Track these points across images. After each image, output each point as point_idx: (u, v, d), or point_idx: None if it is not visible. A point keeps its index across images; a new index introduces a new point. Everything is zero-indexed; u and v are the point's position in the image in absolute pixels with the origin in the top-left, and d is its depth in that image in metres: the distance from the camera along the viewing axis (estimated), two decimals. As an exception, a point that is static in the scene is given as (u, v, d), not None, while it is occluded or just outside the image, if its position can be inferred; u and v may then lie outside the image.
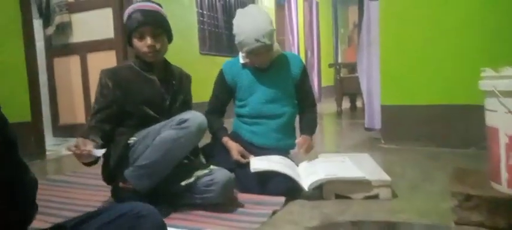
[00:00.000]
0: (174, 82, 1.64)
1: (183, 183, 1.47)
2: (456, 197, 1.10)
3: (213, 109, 1.98)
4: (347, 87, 5.19)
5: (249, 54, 1.80)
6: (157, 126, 1.49)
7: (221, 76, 1.95)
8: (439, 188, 1.71)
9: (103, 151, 1.37)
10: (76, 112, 3.70)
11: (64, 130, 3.76)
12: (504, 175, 1.07)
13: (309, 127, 1.96)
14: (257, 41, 1.72)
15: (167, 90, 1.61)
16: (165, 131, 1.43)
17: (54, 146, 3.29)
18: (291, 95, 1.93)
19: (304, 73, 1.95)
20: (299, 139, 1.87)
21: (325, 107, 5.84)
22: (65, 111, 3.77)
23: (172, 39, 1.64)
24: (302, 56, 7.81)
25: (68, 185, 1.96)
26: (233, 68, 1.93)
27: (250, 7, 1.88)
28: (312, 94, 2.02)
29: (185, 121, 1.42)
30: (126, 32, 1.57)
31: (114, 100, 1.51)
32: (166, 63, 1.66)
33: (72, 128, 3.70)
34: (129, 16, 1.55)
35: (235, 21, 1.82)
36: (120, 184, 1.48)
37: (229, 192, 1.54)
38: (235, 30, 1.81)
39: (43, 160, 2.69)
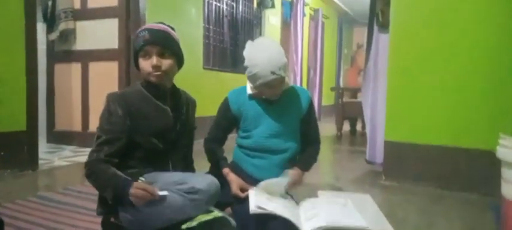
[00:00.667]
0: (183, 111, 1.58)
1: (183, 226, 1.37)
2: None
3: (214, 137, 1.91)
4: (348, 112, 5.16)
5: (263, 86, 1.75)
6: (167, 175, 1.40)
7: (226, 105, 1.88)
8: (443, 241, 1.65)
9: (166, 193, 1.29)
10: (73, 119, 3.63)
11: (59, 137, 3.69)
12: (520, 251, 1.01)
13: (305, 162, 1.87)
14: (273, 73, 1.67)
15: (177, 119, 1.54)
16: (172, 194, 1.31)
17: (48, 154, 3.22)
18: (296, 130, 1.88)
19: (311, 109, 1.90)
20: (294, 171, 1.78)
21: (325, 128, 5.78)
22: (62, 118, 3.71)
23: (182, 63, 1.57)
24: (305, 74, 7.79)
25: (59, 206, 1.89)
26: (239, 97, 1.87)
27: (262, 39, 1.83)
28: (316, 130, 1.95)
29: (196, 192, 1.31)
30: (133, 52, 1.50)
31: (124, 130, 1.40)
32: (175, 89, 1.59)
33: (68, 135, 3.64)
34: (137, 35, 1.48)
35: (246, 54, 1.77)
36: (112, 219, 1.40)
37: None
38: (247, 62, 1.75)
39: (35, 171, 2.62)
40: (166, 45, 1.47)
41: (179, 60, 1.54)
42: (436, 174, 2.54)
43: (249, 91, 1.84)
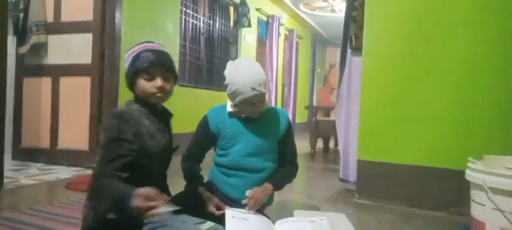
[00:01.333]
0: (171, 130, 1.58)
1: None
2: None
3: (191, 155, 1.90)
4: (322, 130, 5.24)
5: (243, 103, 1.75)
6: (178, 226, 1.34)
7: (205, 123, 1.87)
8: (414, 260, 1.69)
9: (175, 207, 1.22)
10: (40, 136, 3.51)
11: (25, 154, 3.55)
12: (488, 271, 1.06)
13: (277, 179, 1.85)
14: (253, 89, 1.68)
15: (171, 139, 1.54)
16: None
17: (13, 171, 3.08)
18: (274, 150, 1.89)
19: (289, 130, 1.92)
20: (255, 188, 1.75)
21: (299, 145, 5.76)
22: (29, 134, 3.57)
23: (176, 83, 1.55)
24: (279, 92, 7.89)
25: (24, 227, 1.80)
26: (219, 116, 1.86)
27: (242, 58, 1.87)
28: (294, 152, 1.96)
29: None
30: (130, 71, 1.43)
31: (132, 150, 1.32)
32: (164, 108, 1.56)
33: (35, 152, 3.51)
34: (138, 55, 1.43)
35: (227, 72, 1.78)
36: None
37: None
38: (227, 80, 1.76)
39: (0, 190, 2.50)
40: (170, 67, 1.47)
41: (175, 80, 1.54)
42: (407, 193, 2.61)
43: (229, 109, 1.84)
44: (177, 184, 1.79)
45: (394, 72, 2.70)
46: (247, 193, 1.72)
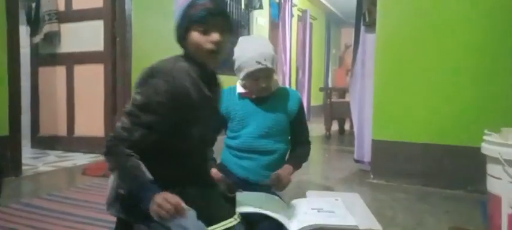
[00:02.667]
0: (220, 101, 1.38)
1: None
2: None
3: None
4: (336, 111, 5.18)
5: (248, 78, 1.71)
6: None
7: None
8: (430, 238, 1.66)
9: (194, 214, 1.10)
10: (58, 124, 3.57)
11: (43, 142, 3.63)
12: (505, 246, 1.03)
13: (295, 159, 1.85)
14: (258, 63, 1.65)
15: (215, 110, 1.34)
16: None
17: (32, 159, 3.16)
18: (286, 132, 1.87)
19: (301, 111, 1.89)
20: (278, 170, 1.71)
21: (314, 128, 5.79)
22: (46, 122, 3.65)
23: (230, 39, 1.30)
24: (293, 75, 7.81)
25: (43, 212, 1.85)
26: (229, 97, 1.84)
27: (252, 35, 1.85)
28: (306, 131, 1.94)
29: None
30: (181, 24, 1.20)
31: (166, 118, 1.14)
32: (214, 73, 1.31)
33: (53, 140, 3.58)
34: (193, 3, 1.18)
35: (235, 48, 1.77)
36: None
37: None
38: (235, 55, 1.75)
39: (18, 177, 2.56)
40: (228, 18, 1.23)
41: (230, 37, 1.26)
42: (422, 172, 2.57)
43: (238, 90, 1.83)
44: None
45: (408, 47, 2.63)
46: (272, 175, 1.69)
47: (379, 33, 2.71)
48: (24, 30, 3.39)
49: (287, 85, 7.11)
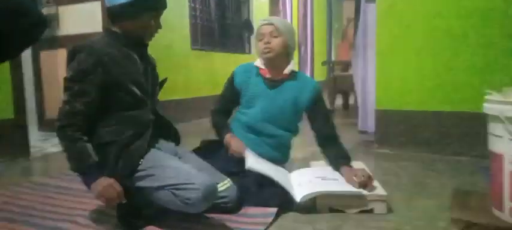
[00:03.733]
0: (149, 61, 1.53)
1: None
2: (457, 225, 1.06)
3: (219, 108, 1.94)
4: (340, 85, 5.15)
5: (257, 39, 1.79)
6: (164, 164, 1.35)
7: (231, 78, 1.91)
8: (435, 202, 1.67)
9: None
10: (62, 106, 3.59)
11: (50, 125, 3.65)
12: (507, 204, 1.04)
13: (345, 157, 1.75)
14: (264, 20, 1.75)
15: (146, 69, 1.48)
16: (163, 194, 1.30)
17: (40, 142, 3.20)
18: (290, 121, 1.87)
19: (317, 101, 1.82)
20: (349, 171, 1.65)
21: (318, 104, 5.79)
22: (51, 105, 3.67)
23: None
24: (295, 51, 7.75)
25: (53, 190, 1.88)
26: (245, 73, 1.87)
27: None
28: (331, 126, 1.83)
29: (188, 199, 1.25)
30: (137, 5, 1.36)
31: (96, 80, 1.30)
32: (139, 39, 1.47)
33: (59, 123, 3.59)
34: None
35: None
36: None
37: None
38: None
39: (27, 159, 2.60)
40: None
41: None
42: (427, 140, 2.57)
43: (256, 63, 1.85)
44: (192, 144, 1.81)
45: (410, 13, 2.59)
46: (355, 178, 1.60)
47: (379, 2, 2.68)
48: (23, 14, 3.38)
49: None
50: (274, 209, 1.52)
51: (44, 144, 3.09)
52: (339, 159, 1.76)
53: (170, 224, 1.41)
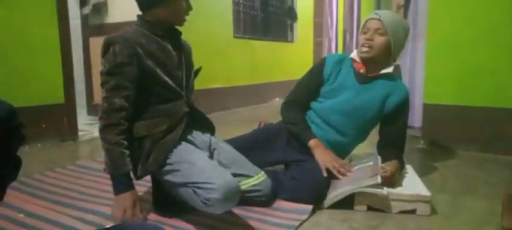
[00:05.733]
0: (183, 50, 1.50)
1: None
2: (508, 234, 0.97)
3: (295, 100, 1.76)
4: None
5: (361, 29, 1.66)
6: (192, 160, 1.32)
7: (321, 65, 1.73)
8: (483, 205, 1.56)
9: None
10: (110, 92, 3.73)
11: (98, 109, 3.81)
12: None
13: (398, 156, 1.64)
14: (375, 13, 1.62)
15: (179, 58, 1.46)
16: (186, 191, 1.28)
17: (88, 126, 3.35)
18: (367, 122, 1.71)
19: (398, 110, 1.66)
20: (387, 167, 1.54)
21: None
22: (100, 90, 3.81)
23: None
24: (340, 38, 7.52)
25: (95, 173, 1.96)
26: (337, 64, 1.71)
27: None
28: (400, 134, 1.70)
29: (208, 200, 1.21)
30: None
31: (133, 71, 1.30)
32: (173, 28, 1.46)
33: (106, 107, 3.75)
34: None
35: None
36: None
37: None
38: None
39: (75, 142, 2.73)
40: None
41: None
42: (477, 137, 2.40)
43: (352, 54, 1.72)
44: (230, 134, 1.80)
45: (463, 5, 2.41)
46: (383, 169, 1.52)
47: (433, -12, 2.51)
48: (73, 2, 3.53)
49: (333, 50, 6.88)
50: (309, 207, 1.49)
51: (92, 128, 3.23)
52: (387, 156, 1.62)
53: (203, 213, 1.41)
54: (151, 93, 1.37)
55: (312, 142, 1.64)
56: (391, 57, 1.66)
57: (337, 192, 1.49)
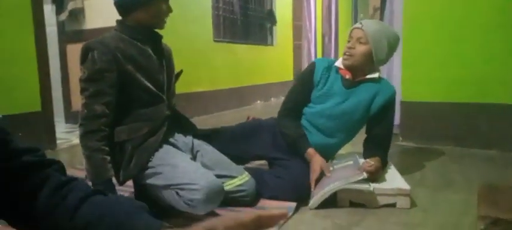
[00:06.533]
0: (164, 54, 1.50)
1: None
2: (483, 221, 1.01)
3: (290, 108, 1.77)
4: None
5: (347, 39, 1.70)
6: (174, 162, 1.33)
7: (311, 70, 1.74)
8: (461, 197, 1.61)
9: None
10: (89, 99, 3.67)
11: (77, 117, 3.71)
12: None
13: (381, 152, 1.65)
14: (359, 23, 1.68)
15: (160, 62, 1.46)
16: (169, 194, 1.29)
17: (66, 134, 3.29)
18: (353, 126, 1.73)
19: (384, 110, 1.69)
20: (372, 162, 1.56)
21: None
22: (78, 98, 3.72)
23: None
24: (319, 41, 7.62)
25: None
26: (326, 70, 1.73)
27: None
28: (386, 134, 1.71)
29: (191, 201, 1.24)
30: None
31: (112, 78, 1.30)
32: (154, 32, 1.46)
33: (85, 115, 3.68)
34: None
35: None
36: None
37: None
38: None
39: (54, 150, 2.68)
40: None
41: None
42: (454, 132, 2.47)
43: (337, 63, 1.74)
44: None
45: (436, 6, 2.49)
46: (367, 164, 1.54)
47: (407, -11, 2.58)
48: (49, 9, 3.46)
49: (312, 53, 6.96)
50: (293, 204, 1.50)
51: (70, 136, 3.17)
52: (371, 153, 1.65)
53: (187, 215, 1.40)
54: (132, 97, 1.36)
55: (310, 151, 1.64)
56: (374, 65, 1.70)
57: (324, 190, 1.51)
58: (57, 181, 0.57)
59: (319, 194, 1.51)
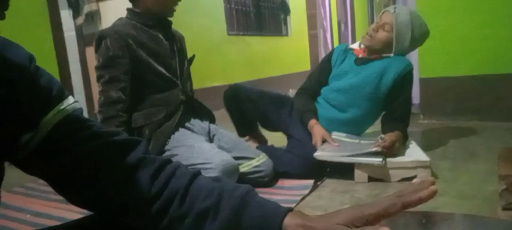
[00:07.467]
0: (175, 40, 1.54)
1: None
2: (504, 181, 0.98)
3: (306, 88, 1.88)
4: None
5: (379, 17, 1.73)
6: (190, 143, 1.37)
7: (330, 54, 1.89)
8: (484, 168, 1.57)
9: None
10: (110, 99, 3.76)
11: (99, 118, 3.85)
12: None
13: (397, 127, 1.62)
14: (389, 8, 1.70)
15: (172, 47, 1.50)
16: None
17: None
18: (368, 99, 1.72)
19: (398, 85, 1.67)
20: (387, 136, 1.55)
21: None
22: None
23: None
24: (335, 29, 7.52)
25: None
26: (344, 52, 1.84)
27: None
28: (403, 109, 1.70)
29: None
30: None
31: (126, 62, 1.35)
32: (164, 19, 1.50)
33: (107, 115, 3.78)
34: None
35: None
36: None
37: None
38: None
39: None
40: None
41: None
42: (476, 106, 2.41)
43: (351, 44, 1.85)
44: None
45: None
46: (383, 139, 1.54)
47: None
48: (67, 14, 3.56)
49: (329, 41, 6.88)
50: (310, 181, 1.51)
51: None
52: (388, 127, 1.64)
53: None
54: (147, 83, 1.40)
55: (311, 122, 1.71)
56: (392, 52, 1.71)
57: (335, 154, 1.51)
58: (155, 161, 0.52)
59: (328, 154, 1.51)
